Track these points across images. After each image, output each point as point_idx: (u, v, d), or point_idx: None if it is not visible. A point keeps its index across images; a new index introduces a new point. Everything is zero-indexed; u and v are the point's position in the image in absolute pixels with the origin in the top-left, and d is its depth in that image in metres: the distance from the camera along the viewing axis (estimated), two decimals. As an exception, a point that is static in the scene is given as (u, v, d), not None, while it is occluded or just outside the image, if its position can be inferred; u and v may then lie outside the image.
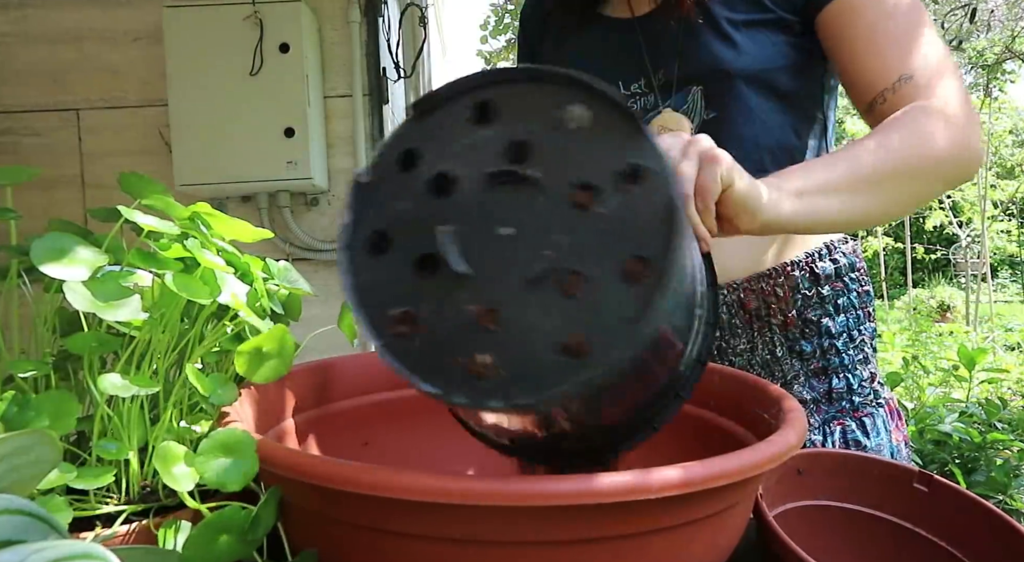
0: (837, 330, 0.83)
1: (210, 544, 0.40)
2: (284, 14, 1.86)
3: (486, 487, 0.36)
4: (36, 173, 0.51)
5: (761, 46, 0.78)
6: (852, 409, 0.83)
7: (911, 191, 0.70)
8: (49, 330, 0.51)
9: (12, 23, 2.04)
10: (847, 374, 0.83)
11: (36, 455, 0.33)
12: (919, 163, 0.68)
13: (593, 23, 0.90)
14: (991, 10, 4.23)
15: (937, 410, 2.11)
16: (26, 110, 2.06)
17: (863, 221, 0.68)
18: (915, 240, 9.51)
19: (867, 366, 0.85)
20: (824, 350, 0.83)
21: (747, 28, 0.78)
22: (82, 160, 2.08)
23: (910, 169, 0.68)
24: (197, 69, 1.85)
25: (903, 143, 0.68)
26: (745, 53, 0.78)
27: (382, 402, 0.71)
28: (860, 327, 0.85)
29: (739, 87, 0.79)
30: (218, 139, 1.86)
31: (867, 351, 0.86)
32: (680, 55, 0.81)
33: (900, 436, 0.86)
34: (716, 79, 0.79)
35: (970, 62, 5.36)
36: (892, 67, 0.73)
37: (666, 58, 0.83)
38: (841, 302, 0.83)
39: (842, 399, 0.83)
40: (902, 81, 0.73)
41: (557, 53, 0.95)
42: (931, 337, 4.64)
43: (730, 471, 0.39)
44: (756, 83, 0.79)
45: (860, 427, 0.82)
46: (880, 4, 0.74)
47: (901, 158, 0.67)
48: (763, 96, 0.79)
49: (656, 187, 0.36)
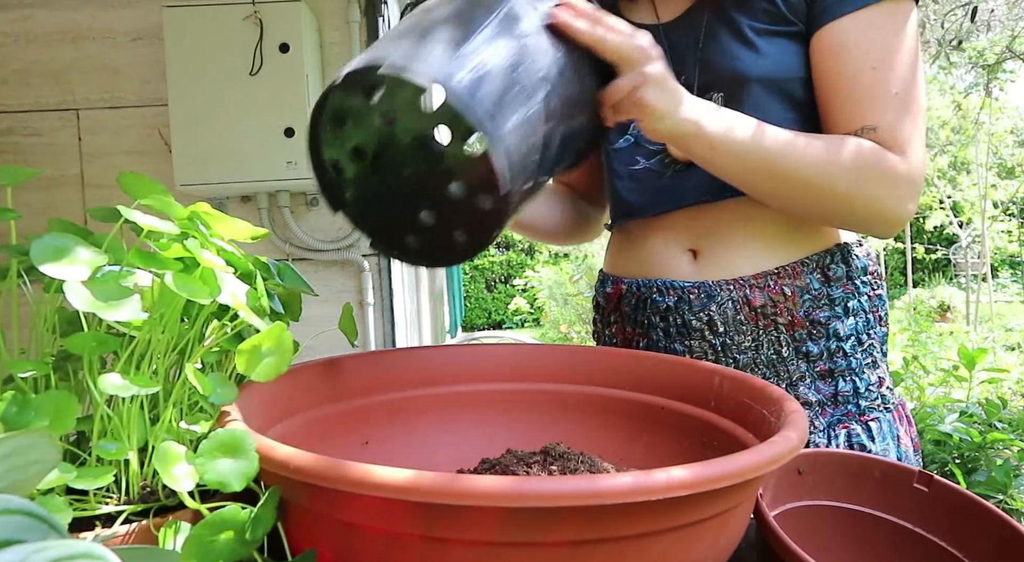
0: (846, 333, 0.82)
1: (210, 544, 0.40)
2: (284, 14, 1.86)
3: (487, 487, 0.36)
4: (36, 173, 0.51)
5: (781, 54, 0.78)
6: (858, 413, 0.82)
7: (807, 204, 0.75)
8: (49, 330, 0.51)
9: (12, 23, 2.04)
10: (854, 377, 0.83)
11: (36, 455, 0.33)
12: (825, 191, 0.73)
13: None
14: (991, 10, 4.24)
15: (937, 410, 2.11)
16: (26, 110, 2.06)
17: (757, 198, 0.77)
18: (915, 240, 9.51)
19: (875, 370, 0.85)
20: (831, 352, 0.82)
21: (768, 36, 0.78)
22: (82, 160, 2.08)
23: (815, 189, 0.73)
24: (197, 69, 1.85)
25: (826, 162, 0.72)
26: (765, 59, 0.78)
27: (382, 402, 0.71)
28: (870, 331, 0.84)
29: (757, 93, 0.79)
30: (218, 139, 1.86)
31: (876, 355, 0.85)
32: (701, 61, 0.82)
33: (909, 441, 0.85)
34: (736, 85, 0.79)
35: (970, 62, 5.36)
36: (859, 116, 0.75)
37: (689, 64, 0.83)
38: (852, 305, 0.83)
39: (848, 402, 0.82)
40: (865, 132, 0.74)
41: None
42: (931, 337, 4.64)
43: (732, 472, 0.39)
44: (775, 90, 0.79)
45: (866, 431, 0.81)
46: (868, 53, 0.74)
47: (814, 174, 0.72)
48: (781, 104, 0.79)
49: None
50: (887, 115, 0.74)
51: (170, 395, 0.50)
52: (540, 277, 7.23)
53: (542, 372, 0.74)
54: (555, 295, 6.52)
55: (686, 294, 0.84)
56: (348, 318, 0.68)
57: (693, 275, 0.85)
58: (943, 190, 8.01)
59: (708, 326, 0.83)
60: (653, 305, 0.87)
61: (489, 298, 10.06)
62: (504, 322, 9.89)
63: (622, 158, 0.90)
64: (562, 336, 6.24)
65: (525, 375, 0.74)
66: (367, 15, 2.10)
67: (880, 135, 0.74)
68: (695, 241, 0.85)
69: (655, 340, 0.87)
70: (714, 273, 0.83)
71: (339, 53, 2.08)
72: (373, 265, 2.14)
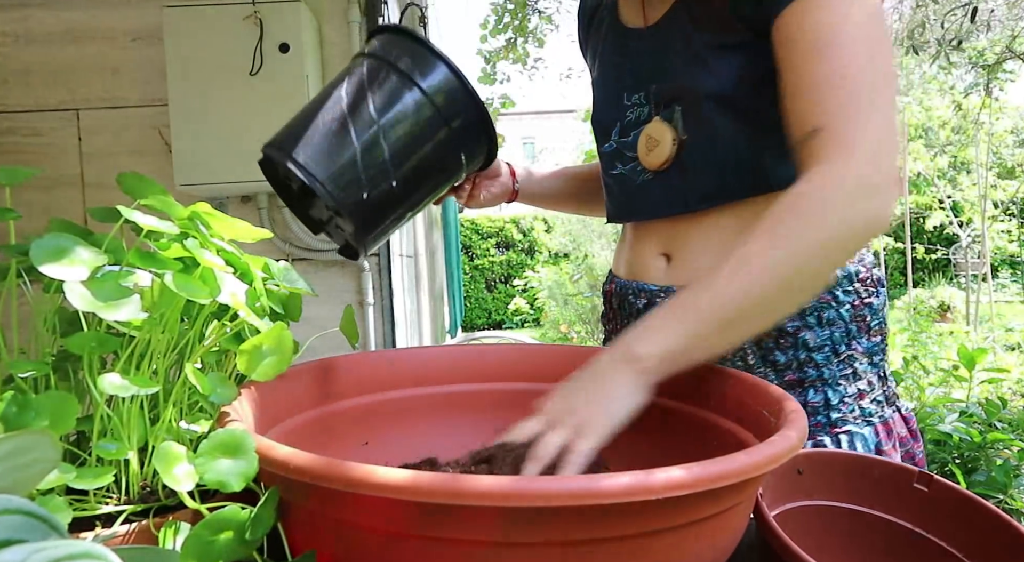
0: (817, 343, 0.79)
1: (210, 544, 0.40)
2: (284, 14, 1.86)
3: (486, 487, 0.36)
4: (36, 173, 0.51)
5: (731, 68, 0.76)
6: (828, 424, 0.79)
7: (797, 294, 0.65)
8: (49, 330, 0.51)
9: (12, 23, 2.04)
10: (827, 389, 0.80)
11: (36, 455, 0.33)
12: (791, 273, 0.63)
13: (613, 30, 0.92)
14: (991, 10, 4.23)
15: (937, 410, 2.11)
16: (26, 110, 2.06)
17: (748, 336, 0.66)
18: (915, 240, 9.51)
19: (855, 382, 0.81)
20: (801, 362, 0.79)
21: (720, 50, 0.77)
22: (82, 160, 2.08)
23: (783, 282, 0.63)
24: (197, 69, 1.85)
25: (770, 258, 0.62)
26: (715, 77, 0.77)
27: (382, 402, 0.71)
28: (851, 341, 0.80)
29: (708, 109, 0.78)
30: (218, 139, 1.86)
31: (858, 366, 0.81)
32: (664, 73, 0.82)
33: (897, 457, 0.82)
34: (692, 100, 0.79)
35: (970, 62, 5.36)
36: (806, 116, 0.67)
37: (656, 74, 0.83)
38: (827, 315, 0.79)
39: (817, 413, 0.79)
40: (812, 134, 0.66)
41: (587, 44, 1.00)
42: (931, 337, 4.63)
43: (731, 472, 0.39)
44: (726, 106, 0.77)
45: (835, 444, 0.79)
46: (813, 41, 0.68)
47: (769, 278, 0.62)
48: (732, 119, 0.77)
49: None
50: (833, 110, 0.66)
51: (170, 395, 0.50)
52: (540, 277, 7.23)
53: (542, 372, 0.74)
54: (555, 295, 6.52)
55: (654, 298, 0.84)
56: (350, 320, 0.68)
57: (664, 279, 0.85)
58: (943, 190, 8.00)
59: None
60: (630, 306, 0.88)
61: (489, 298, 10.06)
62: (504, 322, 9.89)
63: (607, 162, 0.92)
64: (562, 336, 6.24)
65: (525, 375, 0.74)
66: (367, 15, 2.10)
67: (823, 137, 0.66)
68: (668, 245, 0.85)
69: None
70: (683, 278, 0.82)
71: (339, 53, 2.08)
72: (373, 265, 2.14)
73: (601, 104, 0.93)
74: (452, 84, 0.75)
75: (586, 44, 1.01)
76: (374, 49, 0.77)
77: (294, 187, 0.82)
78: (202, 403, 0.52)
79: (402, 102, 0.74)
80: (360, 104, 0.73)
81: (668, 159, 0.81)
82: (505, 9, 3.89)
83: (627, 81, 0.87)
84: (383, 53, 0.76)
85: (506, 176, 1.03)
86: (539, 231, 9.96)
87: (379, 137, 0.72)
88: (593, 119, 0.94)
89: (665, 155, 0.81)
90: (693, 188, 0.81)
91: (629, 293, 0.88)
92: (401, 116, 0.73)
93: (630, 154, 0.87)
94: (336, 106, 0.73)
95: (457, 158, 0.79)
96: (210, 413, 0.52)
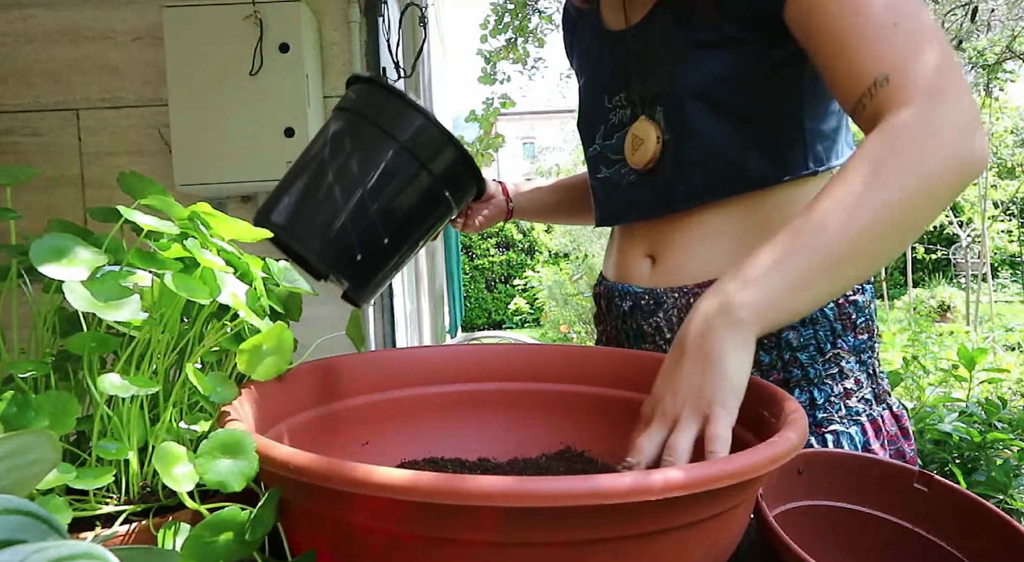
0: (800, 343, 0.78)
1: (210, 544, 0.40)
2: (284, 14, 1.86)
3: (487, 487, 0.36)
4: (36, 173, 0.51)
5: (713, 67, 0.76)
6: (814, 424, 0.79)
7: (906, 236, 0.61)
8: (49, 330, 0.51)
9: (12, 23, 2.04)
10: (812, 388, 0.79)
11: (36, 455, 0.33)
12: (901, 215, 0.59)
13: (595, 34, 0.92)
14: (991, 10, 4.23)
15: (937, 410, 2.11)
16: (26, 110, 2.06)
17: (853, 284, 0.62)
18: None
19: (842, 381, 0.80)
20: (785, 363, 0.79)
21: (701, 48, 0.77)
22: (82, 160, 2.08)
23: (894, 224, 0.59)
24: (197, 69, 1.85)
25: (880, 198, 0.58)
26: (696, 74, 0.77)
27: (382, 402, 0.71)
28: (836, 340, 0.79)
29: (690, 110, 0.77)
30: (218, 139, 1.86)
31: (845, 365, 0.80)
32: (646, 74, 0.82)
33: (886, 456, 0.80)
34: (673, 101, 0.79)
35: (970, 62, 5.35)
36: (864, 70, 0.63)
37: (639, 75, 0.83)
38: (810, 314, 0.76)
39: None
40: (878, 85, 0.63)
41: (573, 52, 1.01)
42: (931, 337, 4.63)
43: (730, 473, 0.39)
44: (707, 104, 0.77)
45: (820, 443, 0.78)
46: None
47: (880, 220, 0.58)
48: (715, 118, 0.77)
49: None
50: (891, 54, 0.62)
51: (170, 395, 0.50)
52: (540, 277, 7.23)
53: (542, 372, 0.74)
54: (555, 295, 6.52)
55: (638, 300, 0.85)
56: (355, 325, 0.68)
57: (648, 281, 0.85)
58: (943, 190, 7.99)
59: (657, 332, 0.83)
60: (616, 308, 0.89)
61: (489, 298, 10.05)
62: (504, 322, 9.88)
63: (592, 166, 0.92)
64: (562, 336, 6.24)
65: (525, 375, 0.74)
66: (367, 15, 2.10)
67: (896, 83, 0.61)
68: (653, 247, 0.85)
69: (619, 343, 0.90)
70: (667, 280, 0.83)
71: (339, 53, 2.08)
72: (373, 265, 2.14)
73: (585, 108, 0.93)
74: (429, 131, 0.76)
75: (572, 51, 1.01)
76: (351, 103, 0.80)
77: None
78: (202, 403, 0.52)
79: (383, 159, 0.76)
80: (343, 169, 0.75)
81: (653, 158, 0.81)
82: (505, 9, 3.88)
83: (609, 83, 0.87)
84: (360, 108, 0.78)
85: (500, 198, 1.04)
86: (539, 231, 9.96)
87: (365, 199, 0.74)
88: (578, 124, 0.94)
89: (650, 154, 0.81)
90: (676, 188, 0.81)
91: (615, 295, 0.89)
92: (384, 174, 0.75)
93: (614, 157, 0.87)
94: (322, 172, 0.76)
95: (444, 200, 0.80)
96: (210, 413, 0.52)
